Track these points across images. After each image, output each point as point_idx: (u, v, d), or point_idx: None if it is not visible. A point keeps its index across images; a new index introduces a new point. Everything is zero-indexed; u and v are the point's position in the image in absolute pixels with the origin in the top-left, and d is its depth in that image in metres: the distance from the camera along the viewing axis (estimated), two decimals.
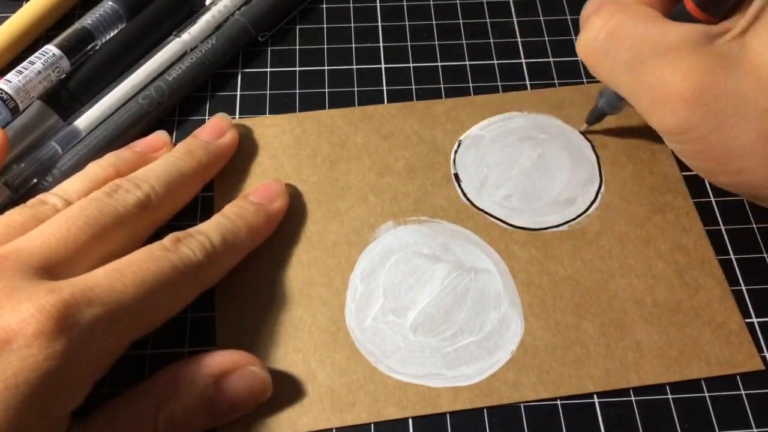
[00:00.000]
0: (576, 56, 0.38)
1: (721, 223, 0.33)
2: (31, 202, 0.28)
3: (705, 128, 0.26)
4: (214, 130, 0.33)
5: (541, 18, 0.40)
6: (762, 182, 0.27)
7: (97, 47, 0.36)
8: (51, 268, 0.25)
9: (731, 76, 0.25)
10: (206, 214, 0.32)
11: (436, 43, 0.39)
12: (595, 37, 0.28)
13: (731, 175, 0.27)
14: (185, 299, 0.27)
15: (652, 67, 0.26)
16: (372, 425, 0.28)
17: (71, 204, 0.28)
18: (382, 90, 0.37)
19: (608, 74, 0.29)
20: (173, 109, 0.36)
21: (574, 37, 0.39)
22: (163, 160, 0.31)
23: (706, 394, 0.28)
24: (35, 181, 0.32)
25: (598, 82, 0.33)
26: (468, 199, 0.33)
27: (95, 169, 0.30)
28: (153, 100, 0.34)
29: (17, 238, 0.26)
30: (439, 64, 0.38)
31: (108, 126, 0.33)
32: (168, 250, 0.27)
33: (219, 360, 0.27)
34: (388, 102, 0.36)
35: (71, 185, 0.29)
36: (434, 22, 0.40)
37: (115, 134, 0.33)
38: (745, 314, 0.30)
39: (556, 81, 0.37)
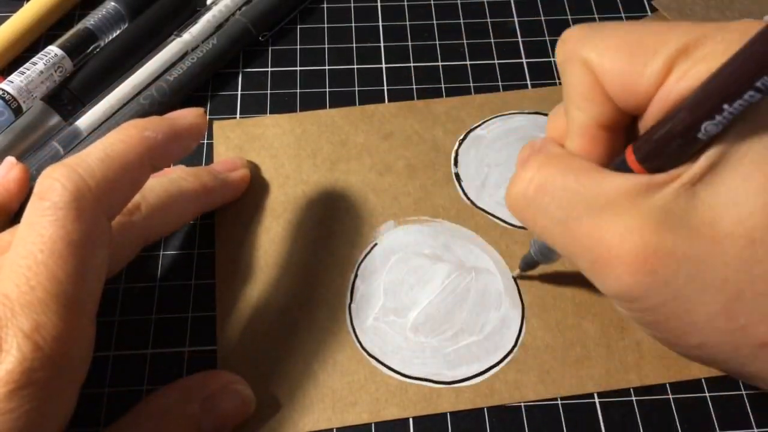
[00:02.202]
0: None
1: None
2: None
3: (655, 299, 0.21)
4: (226, 165, 0.33)
5: (542, 18, 0.40)
6: (726, 357, 0.22)
7: (100, 48, 0.36)
8: None
9: (681, 236, 0.21)
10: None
11: (437, 42, 0.39)
12: (524, 193, 0.24)
13: (691, 348, 0.23)
14: (97, 235, 0.23)
15: (588, 227, 0.22)
16: (373, 425, 0.28)
17: None
18: (383, 90, 0.37)
19: (541, 232, 0.24)
20: (174, 109, 0.36)
21: None
22: (164, 177, 0.30)
23: (707, 394, 0.28)
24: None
25: None
26: (469, 199, 0.33)
27: None
28: (154, 100, 0.34)
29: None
30: (440, 63, 0.38)
31: (109, 126, 0.33)
32: (40, 199, 0.23)
33: (203, 383, 0.27)
34: (388, 102, 0.36)
35: None
36: (435, 22, 0.40)
37: None
38: None
39: (557, 80, 0.37)
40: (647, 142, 0.22)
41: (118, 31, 0.37)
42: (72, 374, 0.23)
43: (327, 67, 0.38)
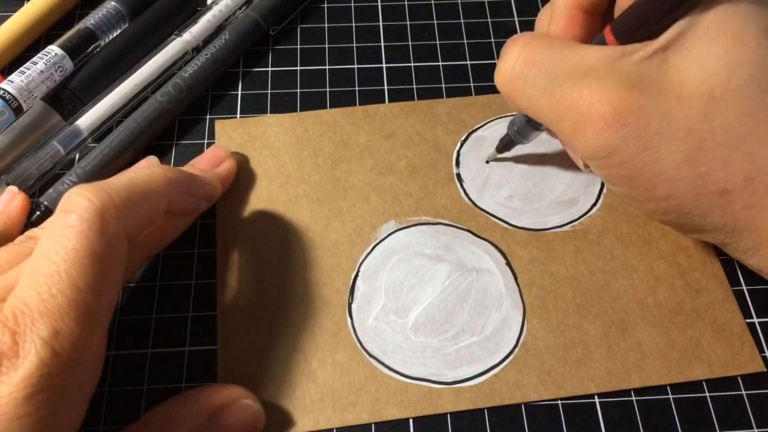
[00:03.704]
0: None
1: None
2: (18, 239, 0.27)
3: (629, 150, 0.25)
4: (212, 160, 0.32)
5: None
6: (690, 208, 0.25)
7: (100, 47, 0.36)
8: None
9: (652, 94, 0.24)
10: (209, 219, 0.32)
11: (437, 42, 0.39)
12: (512, 67, 0.27)
13: (659, 201, 0.26)
14: (116, 252, 0.24)
15: (570, 90, 0.25)
16: (373, 425, 0.28)
17: None
18: (384, 89, 0.37)
19: (527, 103, 0.27)
20: (190, 105, 0.36)
21: None
22: None
23: (707, 395, 0.28)
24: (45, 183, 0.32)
25: None
26: (470, 200, 0.33)
27: None
28: (171, 97, 0.34)
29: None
30: (441, 63, 0.38)
31: (129, 124, 0.33)
32: (65, 212, 0.23)
33: (212, 396, 0.26)
34: (389, 101, 0.36)
35: None
36: (435, 22, 0.40)
37: (136, 132, 0.33)
38: (746, 314, 0.30)
39: None
40: (623, 20, 0.25)
41: (119, 31, 0.37)
42: (85, 383, 0.23)
43: (327, 67, 0.38)
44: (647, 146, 0.24)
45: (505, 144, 0.33)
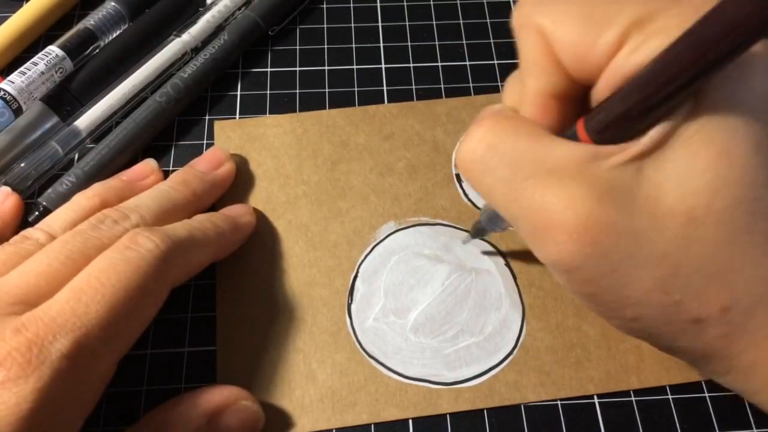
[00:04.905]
0: None
1: None
2: (14, 239, 0.27)
3: (594, 270, 0.21)
4: (211, 162, 0.32)
5: None
6: (660, 332, 0.23)
7: (100, 48, 0.36)
8: (30, 303, 0.23)
9: (623, 210, 0.21)
10: None
11: (437, 43, 0.39)
12: (474, 150, 0.23)
13: (626, 321, 0.23)
14: (158, 297, 0.26)
15: (533, 189, 0.22)
16: (372, 426, 0.28)
17: (55, 238, 0.27)
18: (383, 90, 0.37)
19: (486, 192, 0.24)
20: (190, 105, 0.36)
21: None
22: (155, 190, 0.30)
23: (707, 394, 0.29)
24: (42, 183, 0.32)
25: None
26: (469, 200, 0.33)
27: (81, 200, 0.29)
28: (170, 97, 0.34)
29: None
30: (440, 64, 0.38)
31: (127, 125, 0.33)
32: (128, 248, 0.25)
33: (210, 398, 0.26)
34: (388, 102, 0.36)
35: (56, 218, 0.28)
36: (434, 22, 0.40)
37: (135, 132, 0.33)
38: None
39: None
40: (597, 116, 0.22)
41: (119, 32, 0.37)
42: (87, 405, 0.24)
43: (326, 68, 0.38)
44: (615, 269, 0.21)
45: (477, 231, 0.30)
